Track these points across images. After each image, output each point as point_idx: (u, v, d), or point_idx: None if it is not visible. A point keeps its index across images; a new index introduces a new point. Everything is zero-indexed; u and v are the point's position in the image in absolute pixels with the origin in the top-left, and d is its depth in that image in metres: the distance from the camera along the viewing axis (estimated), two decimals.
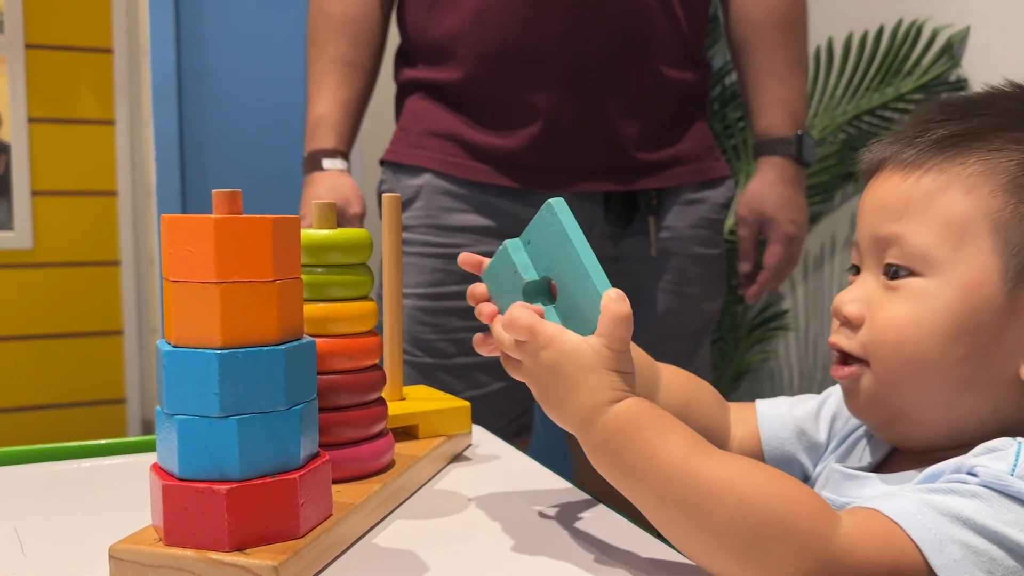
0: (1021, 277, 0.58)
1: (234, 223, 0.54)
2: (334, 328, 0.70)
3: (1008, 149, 0.59)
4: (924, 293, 0.59)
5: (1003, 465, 0.51)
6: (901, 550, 0.49)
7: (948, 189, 0.59)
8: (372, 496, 0.67)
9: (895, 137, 0.64)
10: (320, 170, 1.34)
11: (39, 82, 3.00)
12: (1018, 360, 0.58)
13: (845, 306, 0.64)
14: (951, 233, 0.59)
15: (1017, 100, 0.63)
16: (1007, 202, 0.58)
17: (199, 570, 0.54)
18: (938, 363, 0.59)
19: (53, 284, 3.06)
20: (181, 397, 0.55)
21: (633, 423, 0.55)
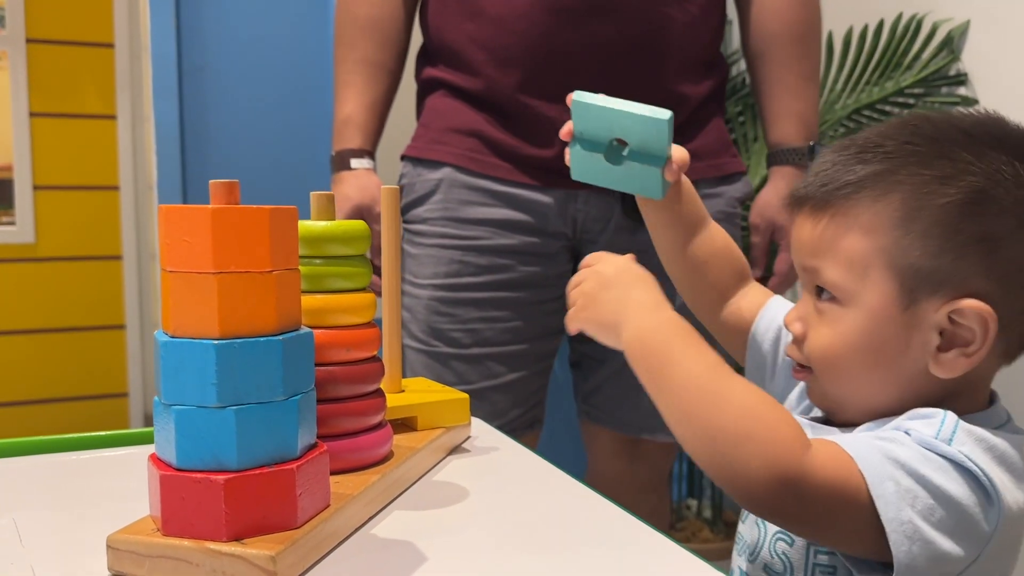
0: (914, 298, 0.69)
1: (231, 213, 0.54)
2: (332, 319, 0.70)
3: (891, 193, 0.69)
4: (841, 318, 0.71)
5: (931, 430, 0.65)
6: (851, 477, 0.62)
7: (849, 232, 0.71)
8: (370, 487, 0.67)
9: (807, 182, 0.75)
10: (348, 169, 1.36)
11: (40, 77, 3.00)
12: (924, 362, 0.69)
13: (791, 324, 0.76)
14: (855, 268, 0.70)
15: (898, 141, 0.72)
16: (896, 238, 0.69)
17: (197, 560, 0.55)
18: (860, 372, 0.71)
19: (55, 278, 3.06)
20: (179, 387, 0.55)
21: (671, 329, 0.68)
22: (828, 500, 0.61)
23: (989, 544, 0.63)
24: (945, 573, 0.63)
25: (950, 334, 0.68)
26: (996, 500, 0.62)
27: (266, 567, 0.54)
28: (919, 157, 0.70)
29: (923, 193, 0.68)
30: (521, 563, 0.60)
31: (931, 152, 0.70)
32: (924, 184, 0.69)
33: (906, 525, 0.61)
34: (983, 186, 0.68)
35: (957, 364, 0.68)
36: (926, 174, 0.69)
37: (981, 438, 0.65)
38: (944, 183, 0.68)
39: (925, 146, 0.71)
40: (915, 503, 0.61)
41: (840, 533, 0.64)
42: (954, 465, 0.62)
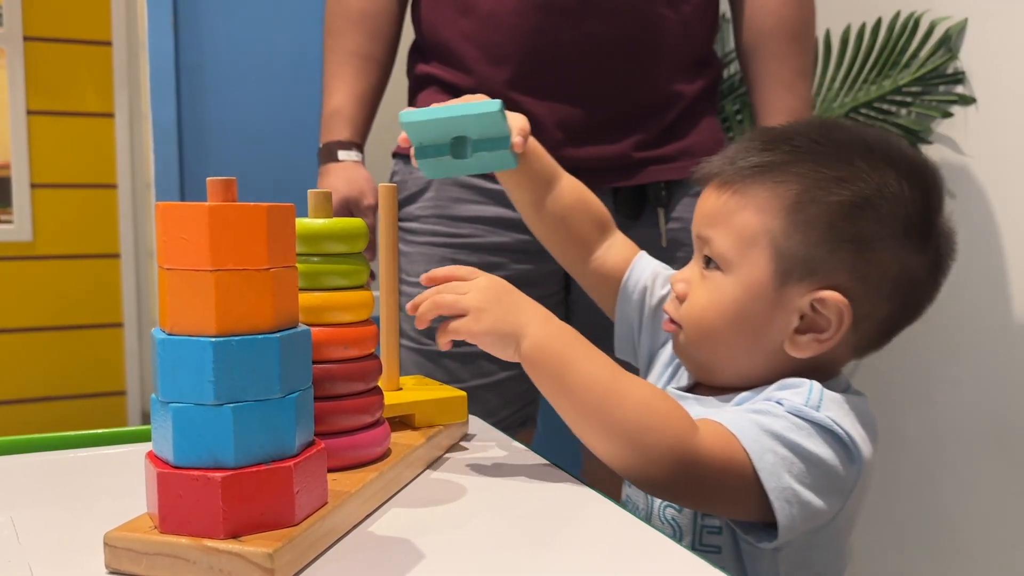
0: (785, 280, 0.76)
1: (229, 211, 0.54)
2: (330, 317, 0.70)
3: (790, 181, 0.77)
4: (721, 285, 0.79)
5: (800, 399, 0.72)
6: (736, 453, 0.69)
7: (745, 209, 0.78)
8: (368, 484, 0.67)
9: (721, 157, 0.82)
10: (336, 161, 1.36)
11: (38, 75, 3.00)
12: (782, 339, 0.77)
13: (676, 283, 0.84)
14: (742, 242, 0.78)
15: (808, 138, 0.79)
16: (783, 223, 0.76)
17: (194, 557, 0.55)
18: (725, 336, 0.79)
19: (53, 277, 3.06)
20: (176, 385, 0.55)
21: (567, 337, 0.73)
22: (718, 476, 0.69)
23: (851, 496, 0.73)
24: (817, 526, 0.72)
25: (809, 319, 0.77)
26: (858, 457, 0.72)
27: (263, 564, 0.54)
28: (821, 156, 0.77)
29: (817, 188, 0.76)
30: (519, 560, 0.60)
31: (833, 154, 0.77)
32: (820, 181, 0.76)
33: (786, 491, 0.69)
34: (869, 194, 0.76)
35: (809, 347, 0.77)
36: (824, 172, 0.76)
37: (842, 402, 0.73)
38: (837, 184, 0.76)
39: (829, 148, 0.78)
40: (792, 469, 0.69)
41: (729, 503, 0.72)
42: (822, 430, 0.71)
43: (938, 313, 1.94)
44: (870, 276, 0.76)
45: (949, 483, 1.93)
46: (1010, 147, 1.76)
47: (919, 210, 0.78)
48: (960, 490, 1.90)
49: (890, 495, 2.08)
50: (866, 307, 0.77)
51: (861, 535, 2.15)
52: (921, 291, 0.81)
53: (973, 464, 1.87)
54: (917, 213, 0.78)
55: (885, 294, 0.78)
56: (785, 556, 0.75)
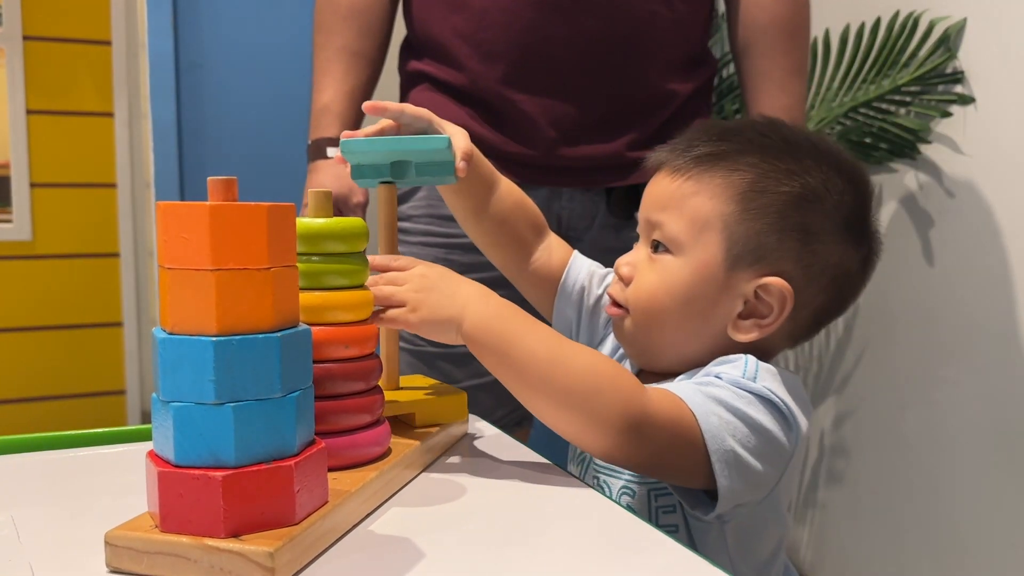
0: (735, 264, 0.79)
1: (229, 210, 0.54)
2: (330, 316, 0.70)
3: (743, 170, 0.80)
4: (671, 267, 0.81)
5: (737, 372, 0.75)
6: (684, 415, 0.71)
7: (698, 194, 0.81)
8: (368, 484, 0.67)
9: (672, 146, 0.85)
10: (325, 158, 1.35)
11: (37, 74, 3.00)
12: (726, 322, 0.80)
13: (621, 267, 0.85)
14: (695, 226, 0.80)
15: (757, 132, 0.83)
16: (735, 208, 0.79)
17: (195, 556, 0.55)
18: (673, 317, 0.81)
19: (52, 276, 3.06)
20: (177, 384, 0.55)
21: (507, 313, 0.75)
22: (668, 438, 0.71)
23: (790, 464, 0.76)
24: (758, 497, 0.75)
25: (752, 305, 0.80)
26: (795, 426, 0.75)
27: (264, 563, 0.54)
28: (773, 149, 0.81)
29: (769, 179, 0.80)
30: (519, 559, 0.60)
31: (783, 149, 0.82)
32: (772, 172, 0.80)
33: (728, 452, 0.71)
34: (817, 188, 0.80)
35: (750, 331, 0.80)
36: (777, 164, 0.80)
37: (776, 375, 0.76)
38: (788, 176, 0.80)
39: (779, 143, 0.82)
40: (735, 433, 0.71)
41: (676, 468, 0.73)
42: (760, 399, 0.73)
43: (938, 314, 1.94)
44: (813, 266, 0.80)
45: (950, 484, 1.93)
46: (1009, 146, 1.76)
47: (857, 208, 0.83)
48: (961, 491, 1.90)
49: (891, 496, 2.08)
50: (806, 296, 0.81)
51: (861, 535, 2.15)
52: (853, 284, 0.85)
53: (974, 465, 1.87)
54: (855, 211, 0.82)
55: (823, 285, 0.81)
56: (732, 530, 0.77)
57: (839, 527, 2.22)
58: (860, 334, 2.15)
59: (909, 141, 1.95)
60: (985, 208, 1.82)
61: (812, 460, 2.32)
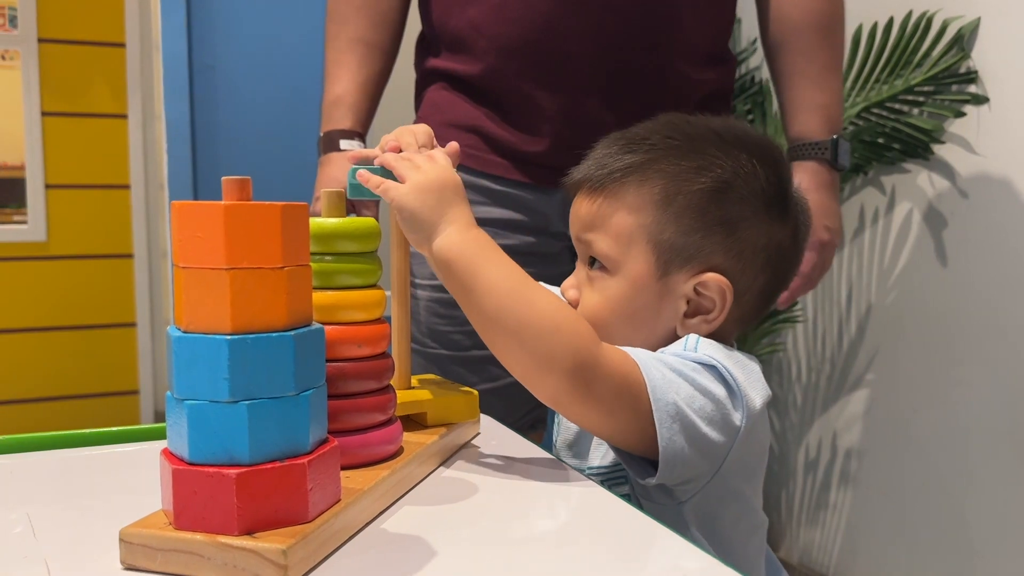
0: (666, 270, 0.81)
1: (244, 210, 0.55)
2: (343, 316, 0.71)
3: (653, 179, 0.82)
4: (608, 285, 0.83)
5: (680, 347, 0.78)
6: (633, 370, 0.73)
7: (618, 211, 0.82)
8: (380, 482, 0.67)
9: (586, 165, 0.86)
10: (337, 151, 1.33)
11: (52, 76, 3.02)
12: (674, 324, 0.82)
13: (567, 291, 0.86)
14: (622, 241, 0.82)
15: (662, 136, 0.85)
16: (655, 218, 0.81)
17: (208, 553, 0.55)
18: (620, 331, 0.82)
19: (67, 276, 3.08)
20: (191, 382, 0.56)
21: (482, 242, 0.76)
22: (616, 388, 0.72)
23: (739, 435, 0.74)
24: (704, 464, 0.75)
25: (695, 303, 0.81)
26: (739, 393, 0.74)
27: (277, 561, 0.54)
28: (677, 151, 0.83)
29: (680, 181, 0.81)
30: (530, 559, 0.60)
31: (687, 147, 0.83)
32: (681, 173, 0.81)
33: (670, 406, 0.71)
34: (727, 178, 0.81)
35: (700, 328, 0.81)
36: (683, 164, 0.82)
37: (721, 348, 0.77)
38: (697, 173, 0.81)
39: (683, 141, 0.84)
40: (679, 391, 0.72)
41: (622, 421, 0.73)
42: (704, 366, 0.75)
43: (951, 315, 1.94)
44: (744, 253, 0.82)
45: (963, 485, 1.92)
46: (1023, 146, 1.75)
47: (773, 184, 0.83)
48: (974, 492, 1.90)
49: (904, 497, 2.07)
50: (744, 282, 0.82)
51: (874, 537, 2.15)
52: (788, 258, 0.86)
53: (987, 466, 1.87)
54: (772, 187, 0.83)
55: (759, 267, 0.83)
56: (691, 510, 0.77)
57: (852, 529, 2.22)
58: (873, 335, 2.14)
59: (922, 141, 1.94)
60: (999, 209, 1.81)
61: (825, 461, 2.31)
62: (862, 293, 2.17)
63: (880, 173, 2.09)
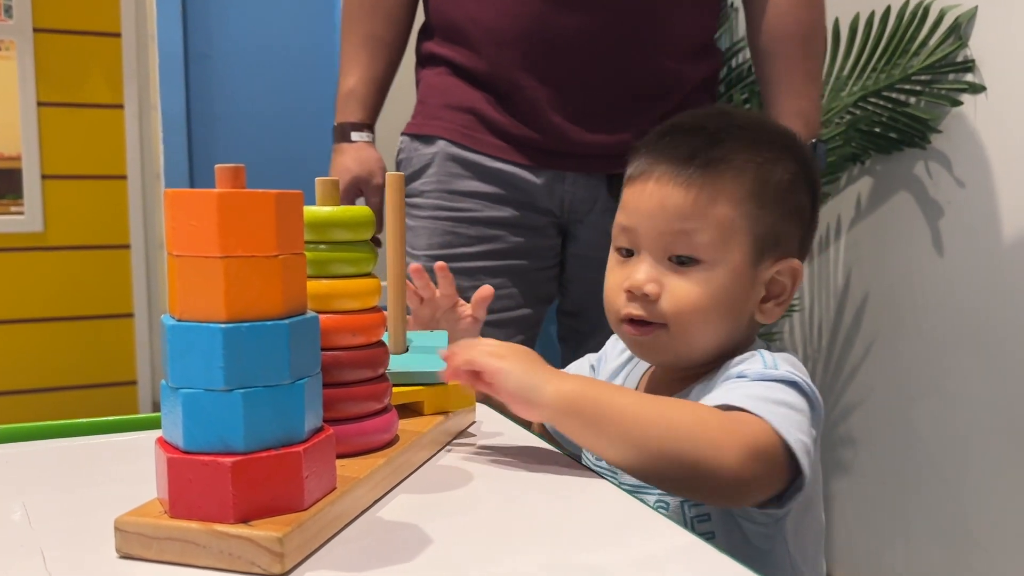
0: (758, 260, 0.84)
1: (237, 197, 0.55)
2: (338, 304, 0.70)
3: (746, 170, 0.84)
4: (708, 276, 0.83)
5: (759, 366, 0.79)
6: (760, 423, 0.72)
7: (717, 202, 0.83)
8: (376, 470, 0.67)
9: (664, 153, 0.85)
10: (348, 142, 1.42)
11: (48, 66, 3.01)
12: (753, 311, 0.85)
13: (646, 286, 0.84)
14: (722, 233, 0.83)
15: (735, 126, 0.87)
16: (752, 208, 0.83)
17: (204, 542, 0.55)
18: (719, 319, 0.84)
19: (64, 267, 3.07)
20: (186, 371, 0.56)
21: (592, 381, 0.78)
22: (772, 452, 0.72)
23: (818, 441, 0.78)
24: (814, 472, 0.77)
25: (769, 288, 0.85)
26: (817, 403, 0.78)
27: (273, 548, 0.54)
28: (753, 142, 0.85)
29: (765, 171, 0.84)
30: (526, 545, 0.60)
31: (755, 138, 0.86)
32: (764, 164, 0.84)
33: (799, 443, 0.72)
34: (796, 169, 0.86)
35: (774, 312, 0.86)
36: (764, 155, 0.85)
37: (787, 358, 0.81)
38: (774, 163, 0.85)
39: (753, 133, 0.87)
40: (791, 421, 0.73)
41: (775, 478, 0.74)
42: (788, 384, 0.76)
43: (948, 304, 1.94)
44: (806, 240, 0.89)
45: (959, 475, 1.92)
46: (1020, 135, 1.75)
47: (816, 179, 0.89)
48: (970, 482, 1.90)
49: (899, 487, 2.08)
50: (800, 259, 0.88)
51: (870, 527, 2.15)
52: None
53: (983, 456, 1.87)
54: (816, 181, 0.89)
55: (807, 246, 0.90)
56: (787, 524, 0.80)
57: (847, 518, 2.22)
58: (869, 324, 2.14)
59: (919, 130, 1.94)
60: (996, 197, 1.81)
61: (821, 450, 2.32)
62: (858, 282, 2.17)
63: (877, 162, 2.09)
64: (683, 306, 0.83)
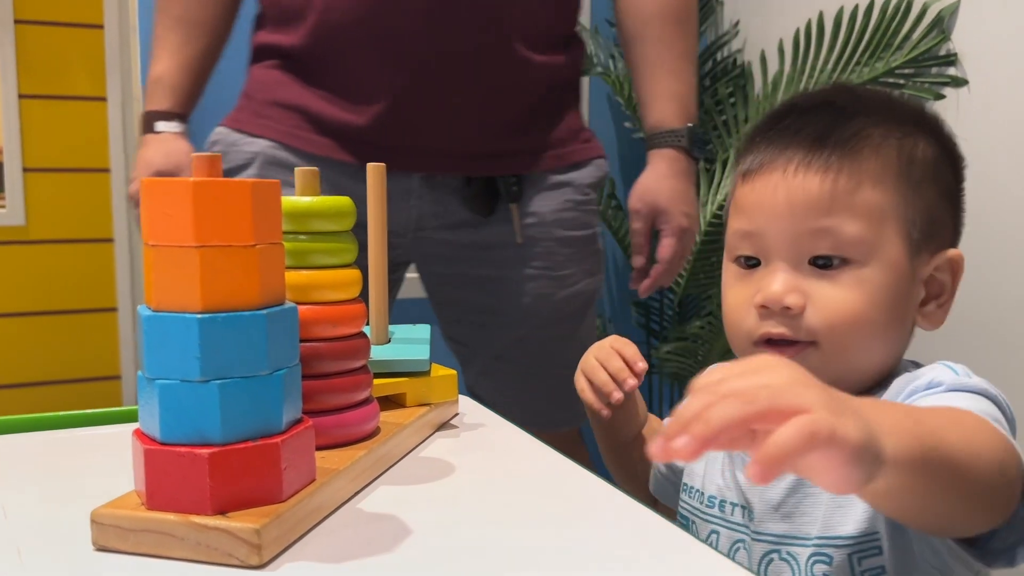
0: (917, 251, 0.71)
1: (213, 186, 0.54)
2: (318, 295, 0.70)
3: (887, 145, 0.71)
4: (864, 277, 0.69)
5: (950, 376, 0.66)
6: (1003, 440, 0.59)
7: (861, 186, 0.69)
8: (356, 462, 0.67)
9: (787, 139, 0.72)
10: (153, 132, 1.30)
11: (29, 58, 2.98)
12: (914, 315, 0.72)
13: (786, 297, 0.70)
14: (873, 222, 0.69)
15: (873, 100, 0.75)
16: (899, 190, 0.70)
17: (181, 533, 0.55)
18: (883, 329, 0.71)
19: (46, 261, 3.05)
20: (162, 362, 0.55)
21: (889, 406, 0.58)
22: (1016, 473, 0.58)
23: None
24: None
25: (928, 287, 0.72)
26: (1014, 424, 0.65)
27: (251, 540, 0.54)
28: (887, 113, 0.73)
29: (908, 147, 0.71)
30: (507, 537, 0.60)
31: (894, 113, 0.73)
32: (905, 138, 0.71)
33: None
34: (939, 146, 0.73)
35: (936, 316, 0.72)
36: (905, 129, 0.72)
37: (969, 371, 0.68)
38: (917, 139, 0.72)
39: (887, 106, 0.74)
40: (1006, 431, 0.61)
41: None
42: (990, 399, 0.64)
43: None
44: (959, 226, 0.75)
45: None
46: (1002, 129, 1.76)
47: (959, 156, 0.77)
48: None
49: None
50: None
51: None
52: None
53: None
54: (959, 159, 0.76)
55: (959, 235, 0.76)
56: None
57: None
58: None
59: None
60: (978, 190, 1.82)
61: None
62: None
63: None
64: (837, 317, 0.69)
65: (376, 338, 0.85)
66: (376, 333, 0.85)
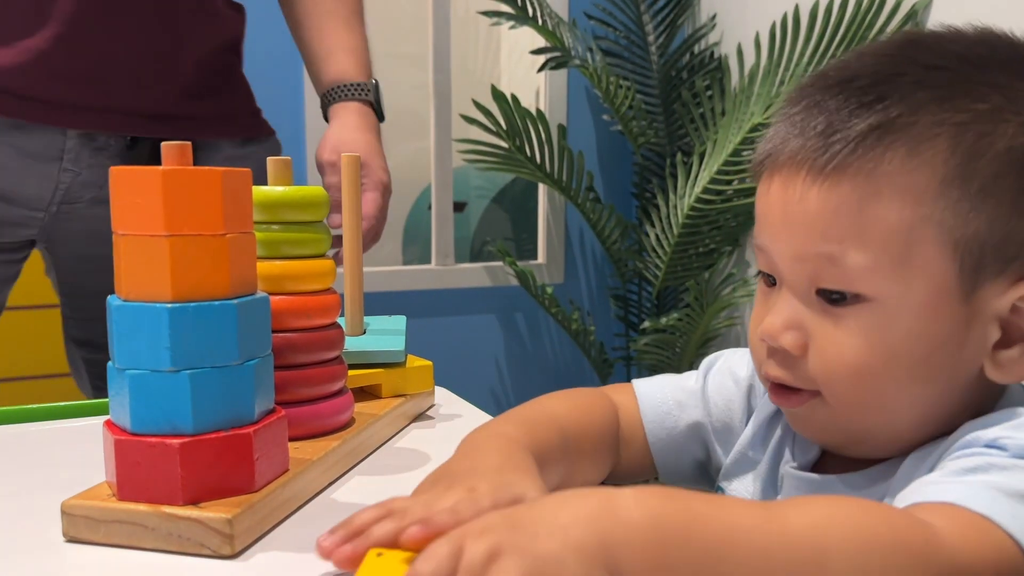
0: (976, 277, 0.52)
1: (182, 175, 0.54)
2: (290, 286, 0.70)
3: (934, 139, 0.52)
4: (878, 321, 0.53)
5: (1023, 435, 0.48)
6: (999, 541, 0.45)
7: (879, 198, 0.52)
8: (330, 452, 0.67)
9: (793, 129, 0.56)
10: None
11: None
12: (981, 359, 0.54)
13: (781, 336, 0.56)
14: (894, 247, 0.52)
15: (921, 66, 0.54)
16: (949, 202, 0.52)
17: (152, 524, 0.54)
18: (905, 385, 0.54)
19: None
20: (132, 352, 0.55)
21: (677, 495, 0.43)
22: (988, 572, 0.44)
23: None
24: None
25: (1012, 325, 0.53)
26: None
27: (222, 530, 0.54)
28: (951, 87, 0.53)
29: (976, 134, 0.52)
30: None
31: (970, 77, 0.53)
32: (974, 122, 0.52)
33: None
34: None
35: (1020, 364, 0.53)
36: (975, 108, 0.52)
37: None
38: (995, 119, 0.52)
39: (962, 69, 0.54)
40: None
41: None
42: None
43: None
44: None
45: None
46: None
47: None
48: None
49: None
50: None
51: None
52: None
53: None
54: None
55: None
56: None
57: None
58: None
59: None
60: None
61: None
62: None
63: None
64: (837, 366, 0.54)
65: (351, 329, 0.85)
66: (351, 324, 0.85)
